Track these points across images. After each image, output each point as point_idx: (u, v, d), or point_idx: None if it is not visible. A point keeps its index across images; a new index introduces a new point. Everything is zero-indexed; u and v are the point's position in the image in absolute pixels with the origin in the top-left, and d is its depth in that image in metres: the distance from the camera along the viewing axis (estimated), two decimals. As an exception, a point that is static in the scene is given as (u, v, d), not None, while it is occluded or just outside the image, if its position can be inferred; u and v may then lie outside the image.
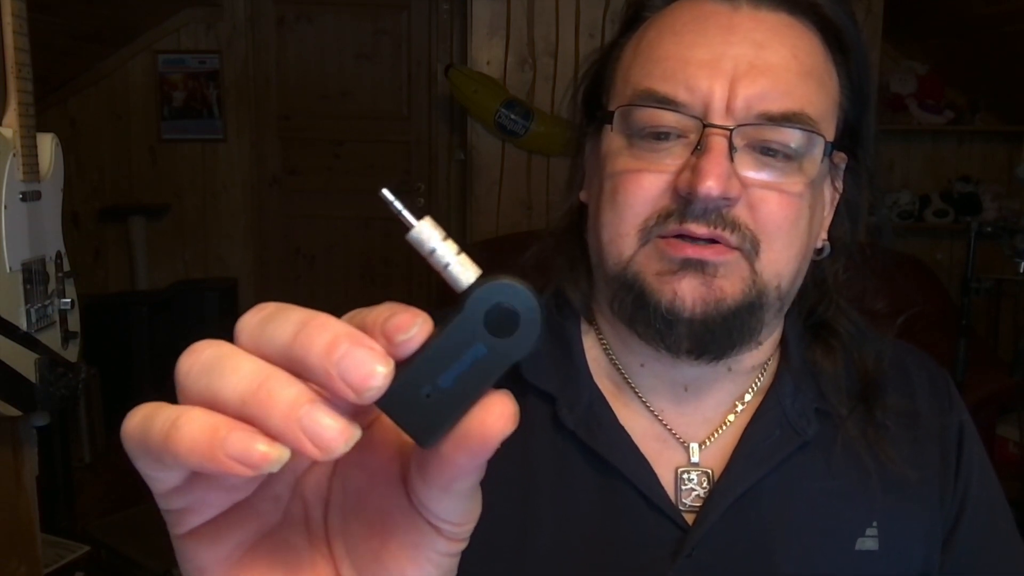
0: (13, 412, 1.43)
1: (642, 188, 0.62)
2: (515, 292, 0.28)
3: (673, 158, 0.61)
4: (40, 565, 1.71)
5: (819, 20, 0.65)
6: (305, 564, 0.34)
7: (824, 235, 0.69)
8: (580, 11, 3.32)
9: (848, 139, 0.67)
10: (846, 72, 0.66)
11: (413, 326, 0.28)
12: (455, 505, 0.31)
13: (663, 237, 0.61)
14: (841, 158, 0.67)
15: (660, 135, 0.62)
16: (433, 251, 0.29)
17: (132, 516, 2.66)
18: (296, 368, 0.27)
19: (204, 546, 0.32)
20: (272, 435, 0.26)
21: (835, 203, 0.70)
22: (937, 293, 3.05)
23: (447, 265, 0.29)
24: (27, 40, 1.42)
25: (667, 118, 0.61)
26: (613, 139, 0.64)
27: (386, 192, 0.30)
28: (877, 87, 3.36)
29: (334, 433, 0.26)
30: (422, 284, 4.05)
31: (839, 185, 0.69)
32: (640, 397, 0.69)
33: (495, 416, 0.28)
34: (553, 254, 0.73)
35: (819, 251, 0.69)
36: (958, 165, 4.06)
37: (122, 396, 3.34)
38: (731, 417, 0.69)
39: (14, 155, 1.40)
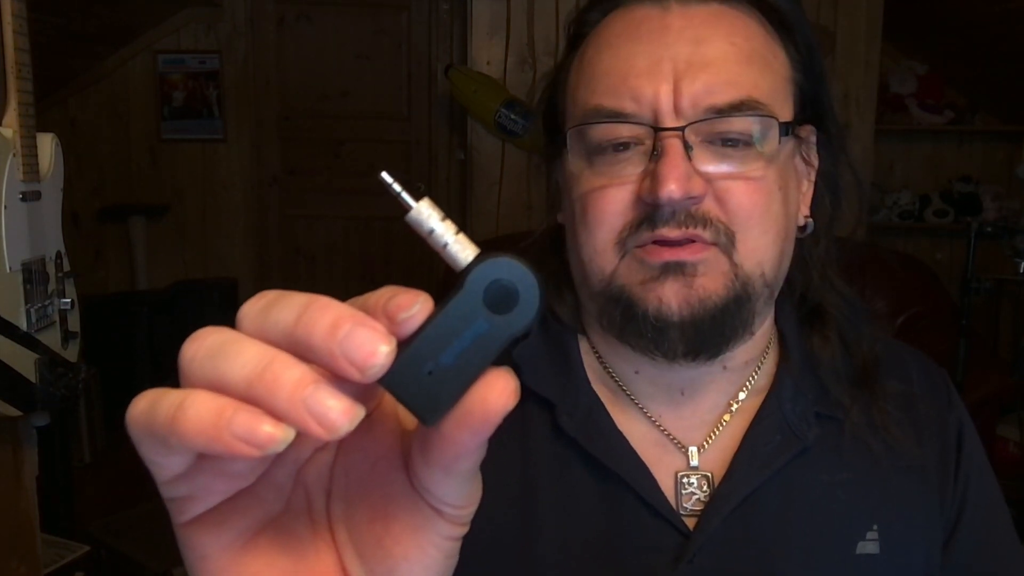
0: (13, 412, 1.42)
1: (609, 203, 0.62)
2: (513, 269, 0.28)
3: (633, 167, 0.62)
4: (40, 565, 1.70)
5: (754, 2, 0.65)
6: (308, 551, 0.34)
7: (806, 211, 0.69)
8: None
9: (810, 111, 0.67)
10: (794, 47, 0.66)
11: (414, 305, 0.28)
12: (457, 487, 0.32)
13: (640, 246, 0.62)
14: (808, 131, 0.67)
15: (617, 147, 0.62)
16: (432, 231, 0.30)
17: (132, 516, 2.66)
18: (299, 350, 0.28)
19: (206, 534, 0.32)
20: (278, 416, 0.27)
21: (811, 178, 0.69)
22: (937, 293, 3.04)
23: (446, 245, 0.30)
24: (27, 40, 1.42)
25: (620, 130, 0.62)
26: (573, 161, 0.65)
27: (385, 175, 0.30)
28: (877, 87, 3.37)
29: (338, 413, 0.27)
30: (422, 284, 4.04)
31: (812, 159, 0.69)
32: (636, 403, 0.69)
33: (497, 392, 0.28)
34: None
35: (802, 228, 0.68)
36: (958, 165, 4.06)
37: (122, 396, 3.32)
38: (727, 417, 0.69)
39: (14, 155, 1.40)
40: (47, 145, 1.52)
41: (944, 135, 4.00)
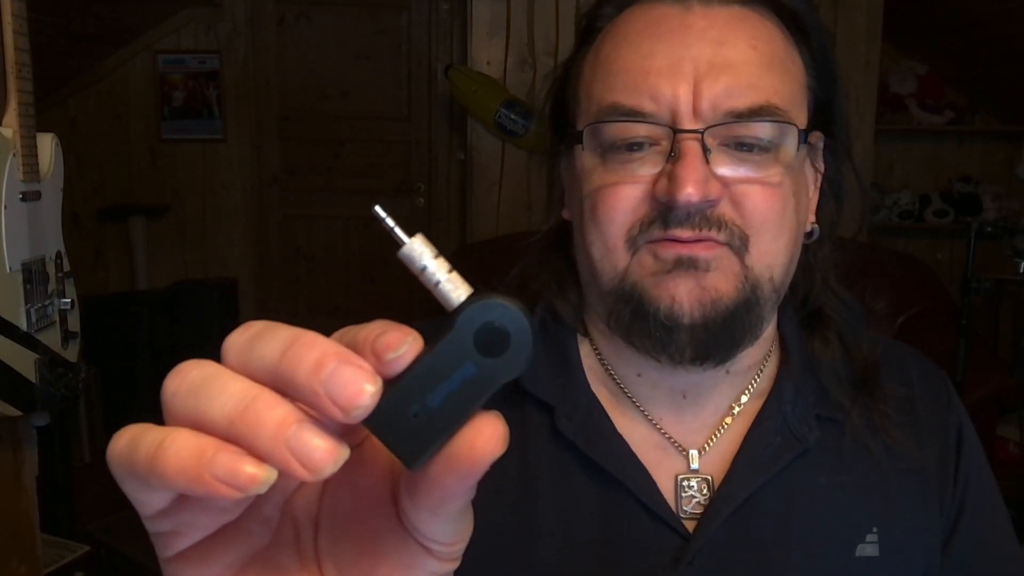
0: (13, 412, 1.42)
1: (621, 200, 0.61)
2: (506, 312, 0.28)
3: (647, 167, 0.61)
4: (40, 565, 1.70)
5: (773, 6, 0.64)
6: None
7: (812, 218, 0.69)
8: (580, 11, 3.31)
9: (821, 118, 0.66)
10: (809, 52, 0.65)
11: (403, 344, 0.27)
12: (445, 526, 0.31)
13: (651, 242, 0.61)
14: (817, 137, 0.67)
15: (632, 146, 0.61)
16: (424, 268, 0.29)
17: (132, 516, 2.64)
18: (284, 387, 0.27)
19: (192, 568, 0.32)
20: (260, 456, 0.26)
21: (818, 183, 0.69)
22: (937, 293, 3.04)
23: (438, 283, 0.29)
24: (27, 40, 1.42)
25: (636, 129, 0.61)
26: (586, 158, 0.64)
27: (379, 209, 0.30)
28: (877, 87, 3.37)
29: (321, 453, 0.26)
30: (421, 285, 4.04)
31: (820, 165, 0.69)
32: (637, 406, 0.69)
33: (484, 438, 0.28)
34: (538, 271, 0.73)
35: (808, 235, 0.68)
36: (958, 165, 4.05)
37: (122, 396, 3.34)
38: (728, 420, 0.68)
39: (14, 155, 1.40)
40: (47, 145, 1.52)
41: (944, 135, 3.99)
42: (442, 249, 0.30)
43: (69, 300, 1.55)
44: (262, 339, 0.28)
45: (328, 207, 4.15)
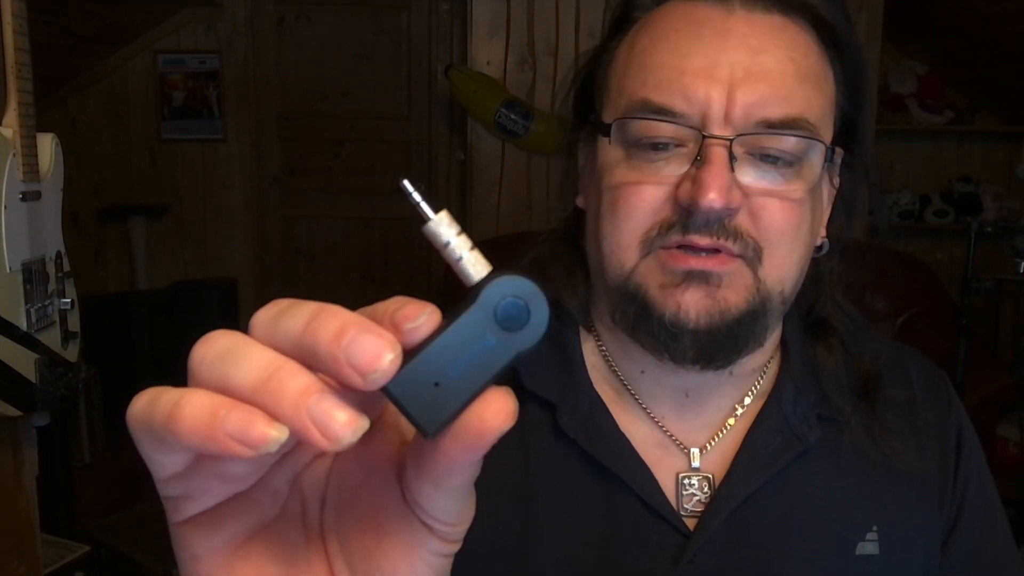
0: (13, 412, 1.42)
1: (642, 200, 0.61)
2: (525, 288, 0.29)
3: (672, 168, 0.61)
4: (40, 565, 1.70)
5: (813, 19, 0.64)
6: (300, 559, 0.34)
7: (823, 232, 0.69)
8: (580, 11, 3.31)
9: (845, 135, 0.66)
10: (841, 68, 0.65)
11: (421, 315, 0.28)
12: (448, 504, 0.32)
13: (665, 248, 0.61)
14: (838, 153, 0.67)
15: (658, 145, 0.61)
16: (448, 244, 0.30)
17: (132, 516, 2.66)
18: (307, 357, 0.28)
19: (200, 535, 0.33)
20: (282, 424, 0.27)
21: (832, 199, 0.69)
22: (937, 293, 3.04)
23: (460, 259, 0.30)
24: (27, 40, 1.42)
25: (664, 129, 0.60)
26: (610, 150, 0.63)
27: (407, 183, 0.31)
28: (877, 87, 3.36)
29: (341, 423, 0.27)
30: (422, 285, 4.04)
31: (836, 181, 0.68)
32: (640, 403, 0.69)
33: (494, 411, 0.28)
34: (549, 261, 0.73)
35: (818, 248, 0.68)
36: (958, 165, 4.06)
37: (122, 396, 3.32)
38: (731, 421, 0.69)
39: (14, 155, 1.40)
40: (47, 145, 1.52)
41: (944, 135, 4.00)
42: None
43: (69, 300, 1.55)
44: (287, 312, 0.29)
45: (328, 207, 4.15)
